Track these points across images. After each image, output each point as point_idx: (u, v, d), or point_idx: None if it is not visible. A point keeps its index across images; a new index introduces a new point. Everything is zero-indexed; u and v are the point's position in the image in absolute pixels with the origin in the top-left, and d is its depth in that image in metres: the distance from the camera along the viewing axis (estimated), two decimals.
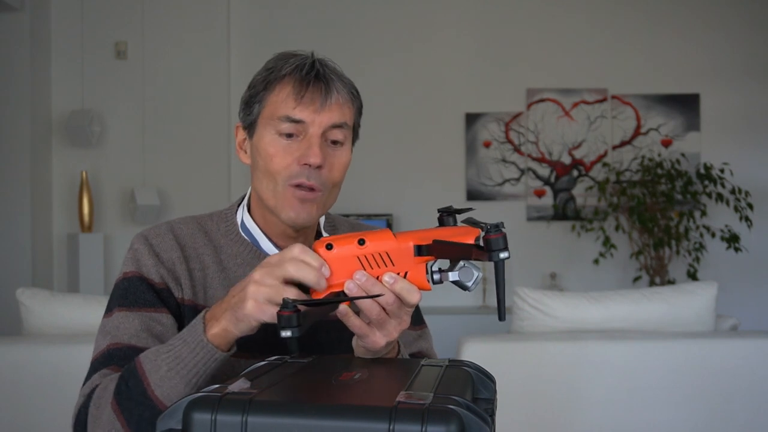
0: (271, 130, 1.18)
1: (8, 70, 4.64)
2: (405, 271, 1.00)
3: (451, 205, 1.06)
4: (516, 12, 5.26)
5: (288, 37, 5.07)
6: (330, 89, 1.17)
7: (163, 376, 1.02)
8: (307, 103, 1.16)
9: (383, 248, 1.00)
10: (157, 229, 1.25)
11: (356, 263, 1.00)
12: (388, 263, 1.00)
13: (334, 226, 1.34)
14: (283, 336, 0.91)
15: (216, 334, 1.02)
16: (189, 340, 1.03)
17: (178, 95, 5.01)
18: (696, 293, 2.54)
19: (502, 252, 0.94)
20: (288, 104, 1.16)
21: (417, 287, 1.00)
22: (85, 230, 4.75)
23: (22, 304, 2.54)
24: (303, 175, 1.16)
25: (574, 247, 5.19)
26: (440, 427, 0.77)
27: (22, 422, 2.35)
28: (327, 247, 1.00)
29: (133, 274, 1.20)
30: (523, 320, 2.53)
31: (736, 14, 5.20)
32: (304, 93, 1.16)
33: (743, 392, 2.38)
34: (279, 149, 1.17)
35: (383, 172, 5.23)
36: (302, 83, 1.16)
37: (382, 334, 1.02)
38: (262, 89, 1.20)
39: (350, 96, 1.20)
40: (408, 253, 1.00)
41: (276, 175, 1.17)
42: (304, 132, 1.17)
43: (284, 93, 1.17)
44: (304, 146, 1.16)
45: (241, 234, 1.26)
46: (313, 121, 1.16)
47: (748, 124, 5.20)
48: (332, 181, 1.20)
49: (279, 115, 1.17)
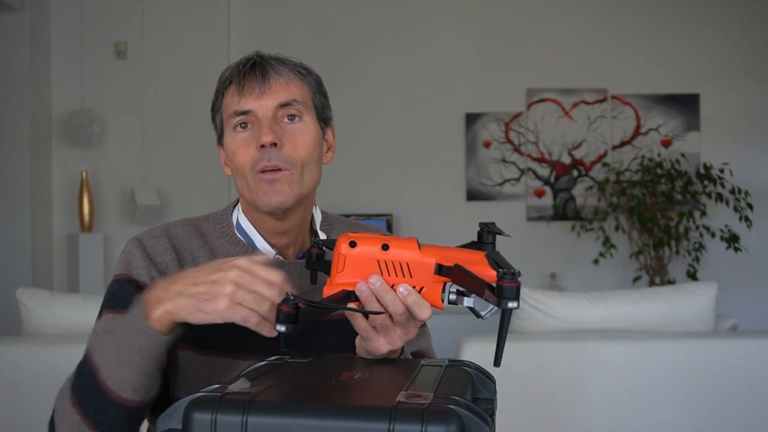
0: (230, 131, 1.21)
1: (8, 70, 4.65)
2: (421, 286, 1.00)
3: (494, 222, 1.04)
4: (516, 12, 5.26)
5: (288, 37, 5.07)
6: (267, 73, 1.20)
7: (112, 365, 1.02)
8: (247, 92, 1.19)
9: (405, 258, 0.99)
10: (152, 232, 1.25)
11: (375, 267, 0.99)
12: (407, 274, 0.99)
13: (330, 225, 1.34)
14: (278, 330, 0.91)
15: (158, 318, 1.00)
16: (131, 326, 1.02)
17: (178, 95, 5.01)
18: (696, 293, 2.54)
19: (512, 302, 0.91)
20: (233, 101, 1.20)
21: (429, 304, 1.00)
22: (85, 230, 4.75)
23: (22, 304, 2.54)
24: (263, 159, 1.17)
25: (574, 247, 5.19)
26: (440, 427, 0.77)
27: (22, 422, 2.35)
28: (350, 245, 0.99)
29: (122, 277, 1.20)
30: (523, 320, 2.53)
31: (736, 14, 5.20)
32: (243, 84, 1.20)
33: (743, 392, 2.38)
34: (239, 143, 1.20)
35: (383, 172, 5.23)
36: (240, 77, 1.20)
37: (386, 341, 1.02)
38: (215, 99, 1.25)
39: (295, 74, 1.22)
40: (428, 269, 0.99)
41: (243, 168, 1.19)
42: (256, 120, 1.19)
43: (230, 93, 1.21)
44: (257, 130, 1.19)
45: (237, 234, 1.26)
46: (258, 106, 1.19)
47: (748, 124, 5.20)
48: (298, 158, 1.19)
49: (229, 113, 1.21)
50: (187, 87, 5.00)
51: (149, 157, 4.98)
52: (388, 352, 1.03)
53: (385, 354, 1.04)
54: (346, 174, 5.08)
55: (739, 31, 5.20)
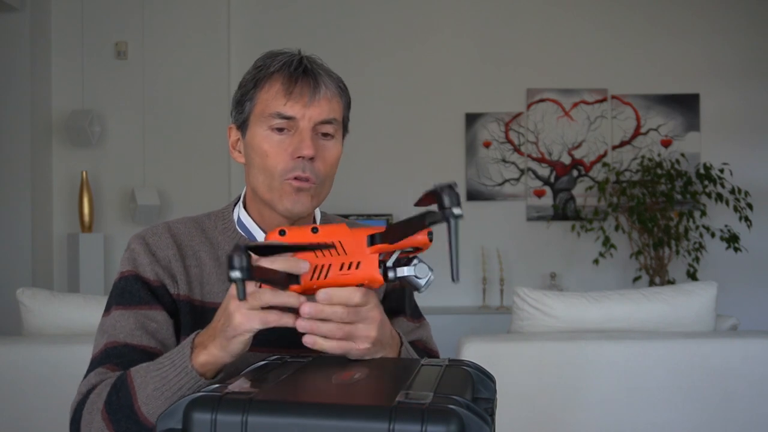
0: (264, 127, 1.20)
1: (8, 70, 4.64)
2: (357, 261, 1.00)
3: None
4: (516, 12, 5.26)
5: (288, 38, 5.06)
6: (318, 84, 1.19)
7: (150, 395, 1.04)
8: (296, 98, 1.18)
9: (335, 237, 1.01)
10: (154, 228, 1.28)
11: (309, 251, 1.00)
12: (341, 252, 1.01)
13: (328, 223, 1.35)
14: (232, 277, 0.90)
15: (204, 362, 1.03)
16: (177, 363, 1.04)
17: (178, 95, 5.01)
18: (696, 293, 2.54)
19: (456, 208, 0.90)
20: (278, 100, 1.19)
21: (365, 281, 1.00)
22: (85, 230, 4.75)
23: (22, 304, 2.53)
24: (298, 168, 1.18)
25: (574, 247, 5.19)
26: (440, 426, 0.77)
27: (22, 422, 2.35)
28: (280, 233, 1.01)
29: (129, 273, 1.23)
30: (523, 320, 2.53)
31: (736, 14, 5.20)
32: (293, 89, 1.18)
33: (743, 392, 2.38)
34: (273, 145, 1.19)
35: (383, 172, 5.23)
36: (291, 79, 1.19)
37: (360, 341, 1.03)
38: (252, 87, 1.22)
39: (338, 90, 1.23)
40: (360, 243, 1.01)
41: (273, 170, 1.19)
42: (296, 127, 1.19)
43: (274, 90, 1.20)
44: (297, 140, 1.18)
45: (238, 230, 1.28)
46: (303, 115, 1.18)
47: (748, 124, 5.20)
48: (325, 174, 1.21)
49: (270, 111, 1.19)
50: (187, 87, 5.00)
51: (149, 157, 4.98)
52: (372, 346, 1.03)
53: (373, 349, 1.04)
54: (346, 174, 5.05)
55: (739, 31, 5.20)
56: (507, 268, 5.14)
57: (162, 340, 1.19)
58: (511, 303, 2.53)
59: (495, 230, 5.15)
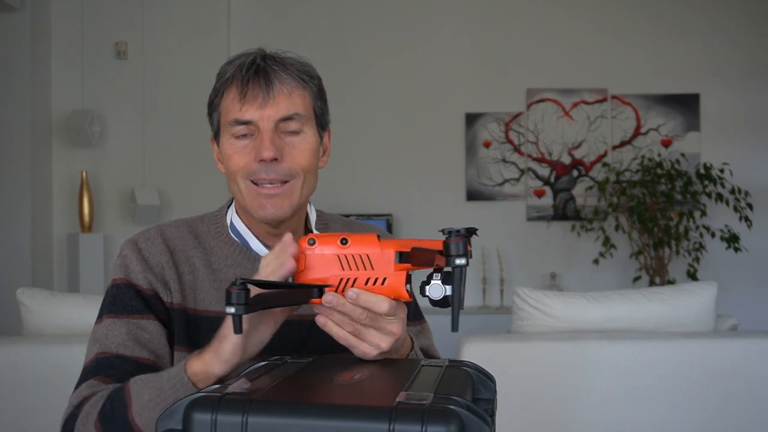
0: (228, 135, 1.20)
1: (8, 70, 4.65)
2: (384, 277, 0.99)
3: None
4: (516, 12, 5.26)
5: (288, 38, 5.07)
6: (271, 82, 1.17)
7: (144, 405, 1.03)
8: (250, 101, 1.17)
9: (364, 251, 1.00)
10: (146, 233, 1.26)
11: (335, 262, 1.00)
12: (368, 266, 1.00)
13: (326, 223, 1.34)
14: (228, 312, 0.89)
15: (196, 372, 1.02)
16: (173, 374, 1.04)
17: (178, 95, 5.00)
18: (696, 293, 2.54)
19: (459, 258, 0.91)
20: (235, 107, 1.18)
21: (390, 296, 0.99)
22: (85, 230, 4.75)
23: (22, 304, 2.53)
24: (261, 171, 1.17)
25: (574, 247, 5.19)
26: (440, 427, 0.77)
27: (22, 422, 2.35)
28: (309, 243, 1.01)
29: (121, 281, 1.21)
30: (523, 320, 2.53)
31: (736, 14, 5.20)
32: (246, 92, 1.17)
33: (743, 392, 2.38)
34: (236, 150, 1.19)
35: (383, 173, 5.23)
36: (243, 82, 1.17)
37: (369, 345, 1.01)
38: (215, 97, 1.22)
39: (299, 82, 1.20)
40: (389, 259, 0.99)
41: (236, 174, 1.19)
42: (257, 129, 1.18)
43: (230, 96, 1.19)
44: (258, 143, 1.17)
45: (231, 235, 1.27)
46: (261, 117, 1.17)
47: (748, 124, 5.20)
48: (300, 168, 1.19)
49: (229, 119, 1.19)
50: (187, 87, 4.99)
51: (149, 157, 4.98)
52: (379, 354, 1.02)
53: (377, 357, 1.03)
54: (346, 174, 5.08)
55: (739, 31, 5.20)
56: (507, 268, 5.14)
57: (154, 350, 1.17)
58: (511, 303, 2.53)
59: (495, 230, 5.15)
